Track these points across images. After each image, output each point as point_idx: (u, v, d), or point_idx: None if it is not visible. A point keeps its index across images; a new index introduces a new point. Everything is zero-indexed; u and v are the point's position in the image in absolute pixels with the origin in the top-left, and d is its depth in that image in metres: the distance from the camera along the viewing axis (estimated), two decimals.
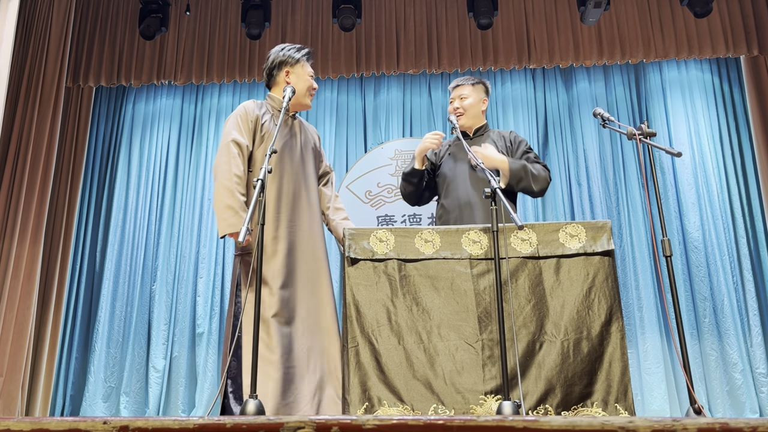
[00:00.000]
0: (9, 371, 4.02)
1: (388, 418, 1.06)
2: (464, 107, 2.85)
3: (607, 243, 2.24)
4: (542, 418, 1.03)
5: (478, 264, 2.22)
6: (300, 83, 2.63)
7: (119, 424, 1.09)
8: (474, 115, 2.87)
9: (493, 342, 2.13)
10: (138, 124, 5.08)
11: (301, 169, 2.59)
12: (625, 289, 4.47)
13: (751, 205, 4.55)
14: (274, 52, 2.68)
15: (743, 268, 4.41)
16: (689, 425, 1.01)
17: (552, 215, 4.68)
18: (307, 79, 2.66)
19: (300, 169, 2.58)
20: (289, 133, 2.62)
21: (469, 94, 2.87)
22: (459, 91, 2.88)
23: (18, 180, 4.39)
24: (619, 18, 4.67)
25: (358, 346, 2.14)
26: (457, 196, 2.76)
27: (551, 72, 5.04)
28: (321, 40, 4.75)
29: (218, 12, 4.85)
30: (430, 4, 4.78)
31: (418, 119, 4.99)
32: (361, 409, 2.07)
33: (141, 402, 4.41)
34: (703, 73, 4.91)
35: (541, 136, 4.90)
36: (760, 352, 4.19)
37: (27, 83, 4.57)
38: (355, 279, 2.21)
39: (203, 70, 4.72)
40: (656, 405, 4.14)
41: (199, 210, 4.82)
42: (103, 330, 4.53)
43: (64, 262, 4.53)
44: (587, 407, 2.09)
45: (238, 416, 1.60)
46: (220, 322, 4.55)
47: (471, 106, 2.86)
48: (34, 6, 4.73)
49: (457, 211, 2.74)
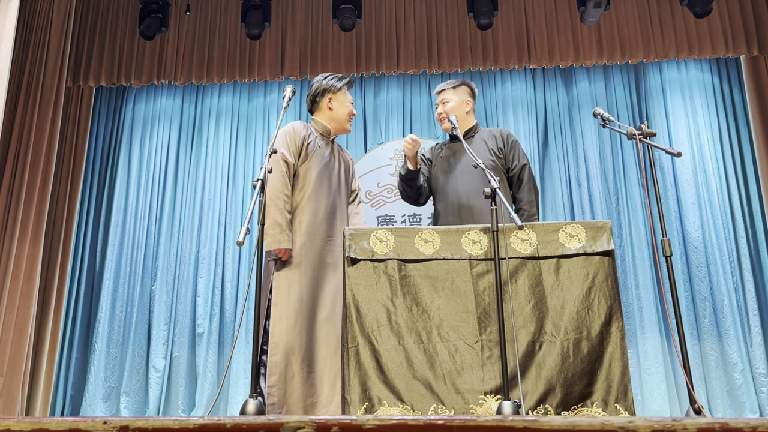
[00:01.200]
0: (9, 371, 4.02)
1: (388, 418, 1.06)
2: (446, 111, 2.86)
3: (607, 243, 2.24)
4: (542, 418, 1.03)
5: (478, 264, 2.23)
6: (341, 109, 2.89)
7: (119, 424, 1.09)
8: (459, 118, 2.87)
9: (492, 342, 2.13)
10: (138, 124, 5.08)
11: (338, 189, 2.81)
12: (625, 289, 4.47)
13: (751, 205, 4.55)
14: (317, 80, 2.93)
15: (743, 268, 4.41)
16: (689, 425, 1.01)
17: (552, 215, 4.68)
18: (348, 105, 2.92)
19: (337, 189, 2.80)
20: (330, 155, 2.83)
21: (450, 98, 2.90)
22: (441, 96, 2.94)
23: (18, 180, 4.39)
24: (619, 18, 4.67)
25: (358, 346, 2.14)
26: (453, 199, 2.75)
27: (551, 72, 5.04)
28: (321, 40, 4.75)
29: (218, 12, 4.85)
30: (430, 4, 4.78)
31: (418, 119, 5.00)
32: (361, 409, 2.07)
33: (141, 402, 4.41)
34: (703, 73, 4.91)
35: (541, 136, 4.90)
36: (760, 352, 4.19)
37: (27, 83, 4.57)
38: (355, 279, 2.21)
39: (203, 70, 4.72)
40: (656, 405, 4.14)
41: (199, 210, 4.82)
42: (103, 330, 4.53)
43: (64, 262, 4.53)
44: (587, 407, 2.09)
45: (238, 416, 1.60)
46: (220, 322, 4.55)
47: (453, 110, 2.88)
48: (34, 6, 4.73)
49: (452, 214, 2.74)
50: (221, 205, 4.82)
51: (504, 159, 2.84)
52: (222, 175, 4.90)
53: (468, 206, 2.71)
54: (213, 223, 4.77)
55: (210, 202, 4.83)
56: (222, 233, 4.75)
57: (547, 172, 4.81)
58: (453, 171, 2.81)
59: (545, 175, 4.81)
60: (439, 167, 2.87)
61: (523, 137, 4.84)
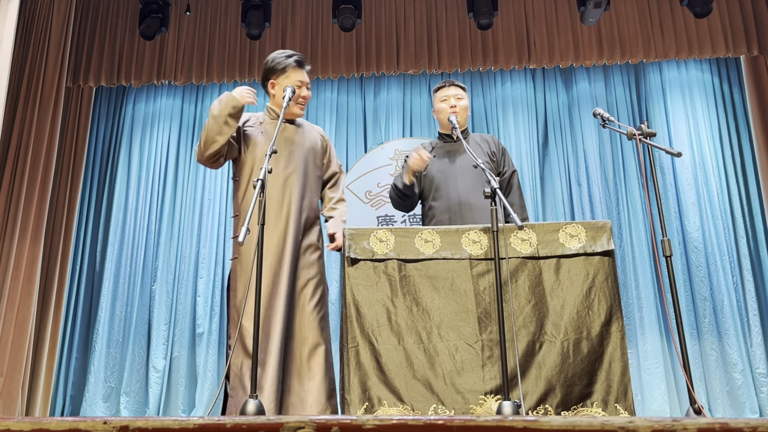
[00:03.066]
0: (9, 371, 4.02)
1: (388, 418, 1.06)
2: (460, 107, 2.87)
3: (607, 243, 2.24)
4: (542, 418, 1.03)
5: (478, 264, 2.22)
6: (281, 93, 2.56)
7: (119, 424, 1.09)
8: (465, 117, 2.92)
9: (492, 342, 2.13)
10: (138, 124, 5.08)
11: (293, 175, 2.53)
12: (625, 289, 4.47)
13: (751, 205, 4.55)
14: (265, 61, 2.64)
15: (743, 268, 4.41)
16: (689, 425, 1.01)
17: (552, 215, 4.68)
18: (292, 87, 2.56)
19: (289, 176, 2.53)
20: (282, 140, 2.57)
21: (463, 95, 2.92)
22: (453, 90, 2.91)
23: (18, 180, 4.39)
24: (619, 18, 4.67)
25: (358, 346, 2.14)
26: (450, 197, 2.76)
27: (551, 72, 5.04)
28: (321, 40, 4.75)
29: (218, 12, 4.85)
30: (430, 4, 4.78)
31: (418, 119, 5.00)
32: (361, 409, 2.07)
33: (141, 402, 4.41)
34: (703, 73, 4.91)
35: (541, 136, 4.90)
36: (760, 352, 4.19)
37: (27, 83, 4.57)
38: (355, 279, 2.21)
39: (203, 70, 4.72)
40: (656, 405, 4.14)
41: (199, 210, 4.82)
42: (103, 330, 4.53)
43: (64, 262, 4.53)
44: (587, 407, 2.09)
45: (238, 416, 1.60)
46: (220, 322, 4.55)
47: (464, 108, 2.90)
48: (34, 6, 4.73)
49: (450, 212, 2.74)
50: (221, 205, 4.82)
51: (496, 164, 2.87)
52: (222, 175, 4.90)
53: (468, 204, 2.72)
54: (213, 223, 4.77)
55: (210, 202, 4.83)
56: (222, 233, 4.75)
57: (547, 172, 4.81)
58: (451, 170, 2.81)
59: (545, 175, 4.81)
60: (433, 166, 2.86)
61: (523, 137, 4.84)
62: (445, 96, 2.90)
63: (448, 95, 2.90)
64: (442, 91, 2.93)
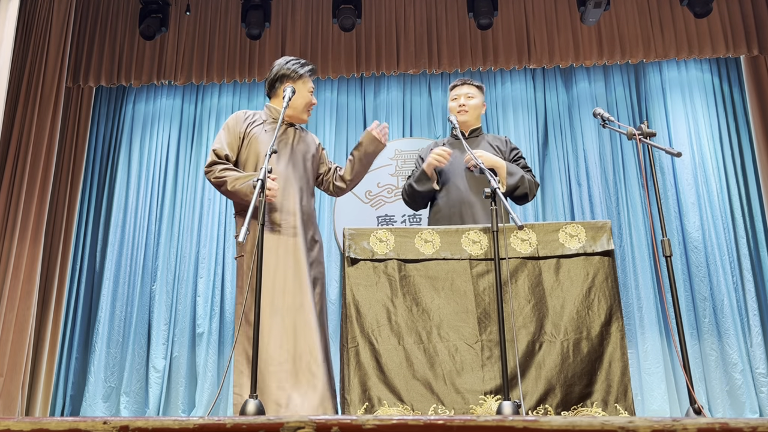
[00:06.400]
0: (9, 371, 4.02)
1: (388, 418, 1.06)
2: (469, 106, 2.88)
3: (606, 243, 2.24)
4: (542, 418, 1.03)
5: (477, 264, 2.23)
6: (299, 99, 2.65)
7: (119, 424, 1.09)
8: (476, 116, 2.93)
9: (492, 342, 2.13)
10: (138, 124, 5.08)
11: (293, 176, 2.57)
12: (625, 289, 4.47)
13: (751, 205, 4.55)
14: (278, 64, 2.69)
15: (743, 268, 4.41)
16: (689, 425, 1.01)
17: (552, 215, 4.68)
18: (307, 95, 2.68)
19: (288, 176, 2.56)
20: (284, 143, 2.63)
21: (475, 94, 2.92)
22: (466, 89, 2.92)
23: (18, 180, 4.39)
24: (619, 18, 4.67)
25: (358, 346, 2.14)
26: (454, 195, 2.77)
27: (551, 72, 5.04)
28: (321, 40, 4.75)
29: (218, 12, 4.85)
30: (430, 4, 4.78)
31: (418, 119, 5.00)
32: (361, 409, 2.07)
33: (141, 402, 4.41)
34: (703, 73, 4.91)
35: (541, 136, 4.90)
36: (760, 352, 4.19)
37: (27, 83, 4.57)
38: (355, 279, 2.21)
39: (203, 70, 4.72)
40: (656, 405, 4.14)
41: (199, 210, 4.82)
42: (103, 330, 4.53)
43: (64, 262, 4.53)
44: (587, 407, 2.09)
45: (238, 416, 1.60)
46: (220, 322, 4.55)
47: (475, 107, 2.91)
48: (34, 6, 4.73)
49: (453, 210, 2.75)
50: (221, 205, 4.82)
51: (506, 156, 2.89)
52: None
53: (469, 202, 2.73)
54: (213, 223, 4.77)
55: (210, 202, 4.83)
56: (222, 233, 4.75)
57: (547, 172, 4.81)
58: (456, 168, 2.83)
59: (545, 175, 4.81)
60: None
61: (523, 137, 4.84)
62: (456, 95, 2.93)
63: (459, 94, 2.91)
64: (455, 90, 2.95)
